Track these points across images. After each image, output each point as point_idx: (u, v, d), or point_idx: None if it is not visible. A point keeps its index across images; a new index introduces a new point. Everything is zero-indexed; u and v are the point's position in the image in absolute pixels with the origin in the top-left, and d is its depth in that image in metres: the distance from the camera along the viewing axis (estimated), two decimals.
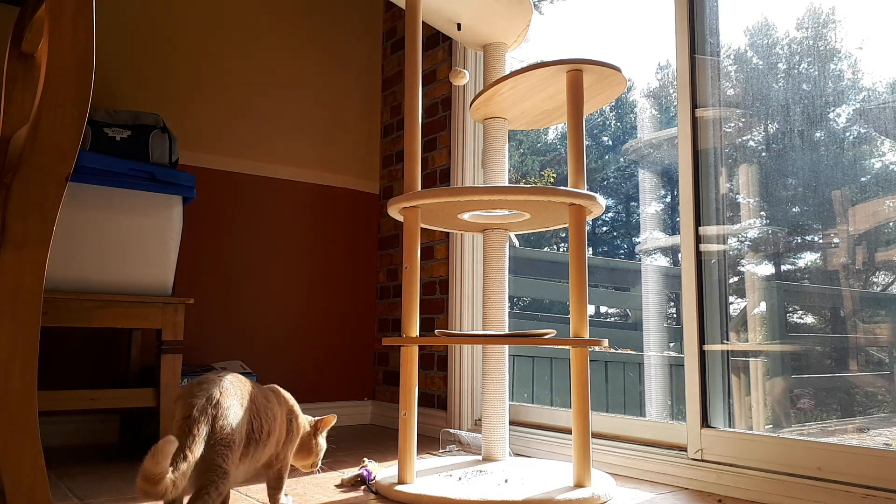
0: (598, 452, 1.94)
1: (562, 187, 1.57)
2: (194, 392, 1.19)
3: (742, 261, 1.91)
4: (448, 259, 2.58)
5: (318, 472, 1.62)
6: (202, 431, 1.13)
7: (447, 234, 2.59)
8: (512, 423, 2.26)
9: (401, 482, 1.58)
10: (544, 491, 1.48)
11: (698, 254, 1.83)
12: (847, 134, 1.76)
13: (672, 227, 2.78)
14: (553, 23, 2.87)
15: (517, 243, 3.51)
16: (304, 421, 1.45)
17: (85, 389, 2.00)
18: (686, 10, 1.91)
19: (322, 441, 1.47)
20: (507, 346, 1.92)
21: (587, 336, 1.57)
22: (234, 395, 1.23)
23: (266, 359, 2.68)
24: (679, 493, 1.66)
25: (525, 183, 4.24)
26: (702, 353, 1.79)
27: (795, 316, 1.94)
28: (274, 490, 1.41)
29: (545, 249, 3.84)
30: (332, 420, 1.47)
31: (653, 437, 1.89)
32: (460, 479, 1.63)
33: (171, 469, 1.04)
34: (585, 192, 1.60)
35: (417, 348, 1.66)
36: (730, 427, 1.76)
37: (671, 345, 2.68)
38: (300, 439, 1.42)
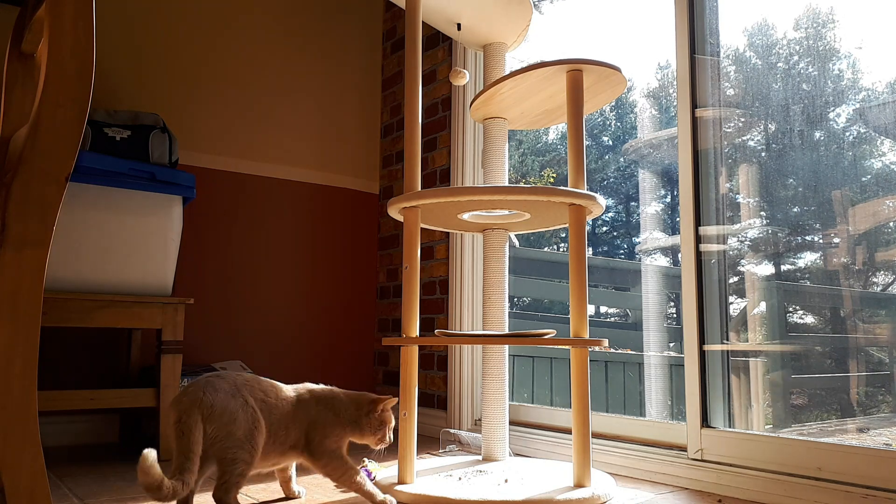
0: (598, 452, 1.94)
1: (562, 187, 1.57)
2: (182, 396, 1.28)
3: (742, 261, 1.91)
4: (448, 259, 2.58)
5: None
6: (195, 431, 1.23)
7: (447, 234, 2.59)
8: (512, 423, 2.26)
9: (401, 482, 1.58)
10: (544, 491, 1.48)
11: (698, 254, 1.83)
12: (847, 134, 1.76)
13: (672, 227, 2.78)
14: (553, 23, 2.87)
15: (517, 243, 3.51)
16: (336, 407, 1.45)
17: (85, 389, 2.00)
18: (686, 10, 1.91)
19: (385, 416, 1.47)
20: (507, 346, 1.92)
21: (587, 336, 1.57)
22: (222, 390, 1.30)
23: (266, 359, 2.68)
24: (679, 493, 1.66)
25: (525, 183, 4.24)
26: (702, 353, 1.79)
27: (795, 316, 1.94)
28: (358, 491, 1.41)
29: (545, 249, 3.84)
30: (394, 401, 1.48)
31: (653, 437, 1.89)
32: (460, 479, 1.63)
33: (178, 473, 1.19)
34: (585, 192, 1.60)
35: (417, 348, 1.65)
36: (730, 427, 1.76)
37: (671, 345, 2.68)
38: (353, 420, 1.43)
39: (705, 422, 1.76)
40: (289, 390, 1.44)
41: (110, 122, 2.06)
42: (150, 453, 1.14)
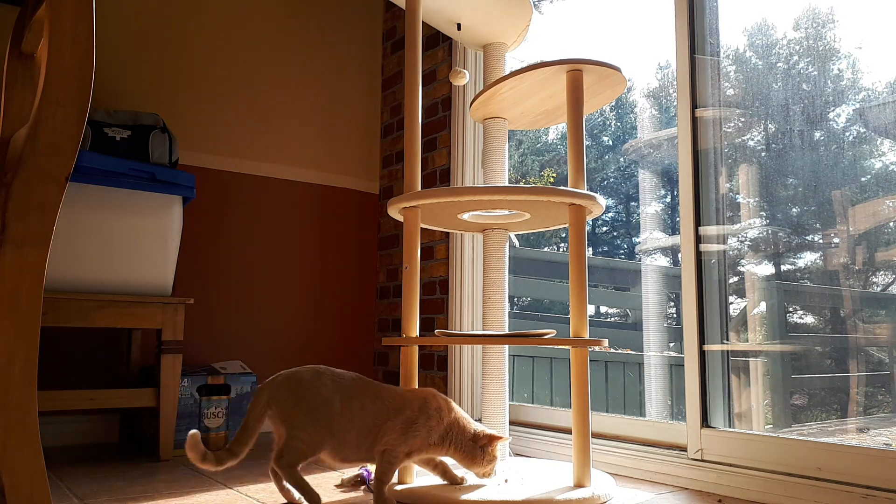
0: (598, 452, 1.95)
1: (562, 187, 1.57)
2: (271, 378, 1.46)
3: (742, 261, 1.91)
4: (448, 259, 2.58)
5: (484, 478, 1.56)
6: (255, 409, 1.41)
7: (447, 234, 2.59)
8: (512, 423, 2.26)
9: (400, 482, 1.58)
10: (544, 491, 1.48)
11: (698, 254, 1.83)
12: (847, 134, 1.76)
13: (672, 227, 2.78)
14: (553, 23, 2.87)
15: (517, 243, 3.51)
16: (445, 423, 1.48)
17: (85, 389, 2.00)
18: (686, 10, 1.91)
19: (493, 453, 1.50)
20: (506, 346, 1.92)
21: (587, 336, 1.57)
22: (294, 379, 1.44)
23: (266, 358, 2.68)
24: (679, 493, 1.66)
25: (525, 183, 4.24)
26: (702, 353, 1.79)
27: (795, 316, 1.94)
28: (376, 478, 1.43)
29: (545, 249, 3.84)
30: (504, 439, 1.51)
31: (653, 437, 1.89)
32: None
33: (233, 444, 1.39)
34: (585, 192, 1.60)
35: (417, 348, 1.66)
36: (730, 427, 1.76)
37: (671, 345, 2.68)
38: (465, 446, 1.48)
39: (705, 422, 1.76)
40: (398, 390, 1.51)
41: (110, 122, 2.06)
42: (195, 433, 1.35)
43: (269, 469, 1.47)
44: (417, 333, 1.65)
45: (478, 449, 1.48)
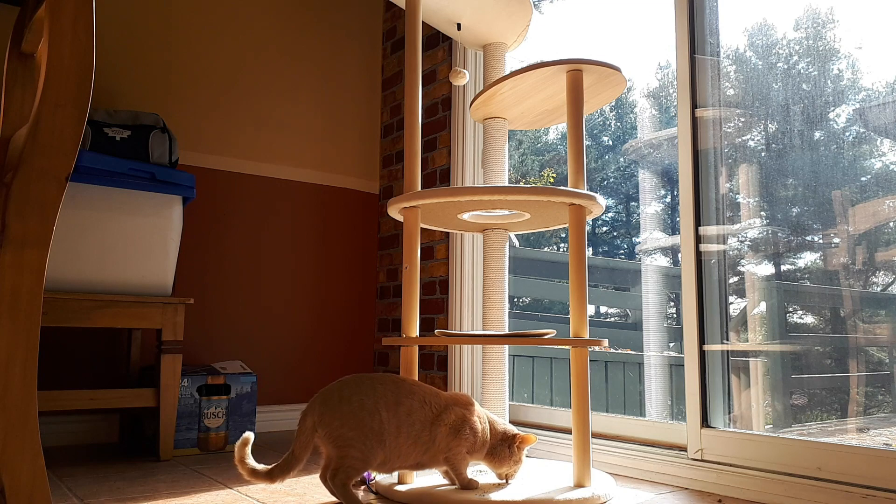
0: (598, 452, 1.95)
1: (562, 187, 1.57)
2: (312, 400, 1.44)
3: (742, 261, 1.91)
4: (448, 259, 2.58)
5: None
6: (301, 436, 1.40)
7: (447, 234, 2.59)
8: (512, 423, 2.26)
9: (401, 482, 1.58)
10: (544, 491, 1.48)
11: (698, 254, 1.83)
12: (847, 134, 1.76)
13: (672, 227, 2.78)
14: (553, 23, 2.87)
15: (517, 243, 3.51)
16: (485, 425, 1.52)
17: (85, 389, 2.00)
18: (686, 10, 1.91)
19: (520, 455, 1.53)
20: (506, 346, 1.92)
21: (587, 336, 1.57)
22: (334, 396, 1.42)
23: (266, 359, 2.68)
24: (679, 493, 1.66)
25: (525, 183, 4.24)
26: (702, 353, 1.79)
27: (795, 316, 1.94)
28: (455, 472, 1.49)
29: (545, 249, 3.84)
30: (532, 441, 1.53)
31: (653, 437, 1.89)
32: None
33: (276, 466, 1.37)
34: (585, 192, 1.60)
35: (417, 348, 1.66)
36: (730, 427, 1.76)
37: (671, 345, 2.68)
38: (493, 446, 1.51)
39: (705, 422, 1.76)
40: (443, 396, 1.52)
41: (110, 122, 2.06)
42: (247, 439, 1.38)
43: (319, 477, 1.48)
44: (417, 333, 1.65)
45: (506, 448, 1.50)
